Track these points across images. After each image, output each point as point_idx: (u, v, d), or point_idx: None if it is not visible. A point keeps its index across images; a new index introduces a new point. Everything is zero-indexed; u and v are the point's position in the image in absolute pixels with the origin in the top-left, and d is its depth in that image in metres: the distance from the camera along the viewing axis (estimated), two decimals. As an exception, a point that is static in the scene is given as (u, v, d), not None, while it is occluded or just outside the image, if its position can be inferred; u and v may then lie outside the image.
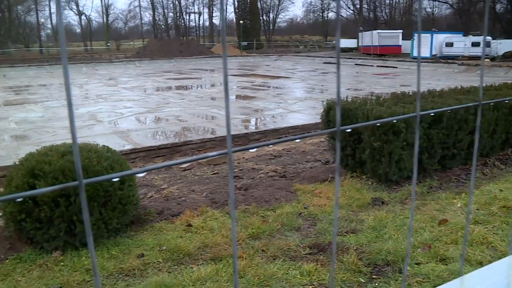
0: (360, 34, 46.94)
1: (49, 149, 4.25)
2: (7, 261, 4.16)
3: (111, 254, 4.21)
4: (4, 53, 57.79)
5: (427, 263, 3.84)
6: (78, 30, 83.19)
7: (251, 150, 5.39)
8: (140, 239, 4.50)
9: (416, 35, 37.79)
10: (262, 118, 11.75)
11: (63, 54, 0.53)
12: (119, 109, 13.58)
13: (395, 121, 5.08)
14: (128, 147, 8.63)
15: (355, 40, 50.63)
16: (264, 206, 5.30)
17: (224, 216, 4.99)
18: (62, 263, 4.09)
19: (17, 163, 4.36)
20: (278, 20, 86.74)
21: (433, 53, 36.30)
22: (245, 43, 56.04)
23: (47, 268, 4.03)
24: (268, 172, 6.69)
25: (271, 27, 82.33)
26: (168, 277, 3.80)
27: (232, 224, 0.66)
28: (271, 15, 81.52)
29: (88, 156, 4.07)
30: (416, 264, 3.86)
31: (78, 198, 3.88)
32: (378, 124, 5.06)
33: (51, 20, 73.87)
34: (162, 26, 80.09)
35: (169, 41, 52.17)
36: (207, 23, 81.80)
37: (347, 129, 0.73)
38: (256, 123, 11.37)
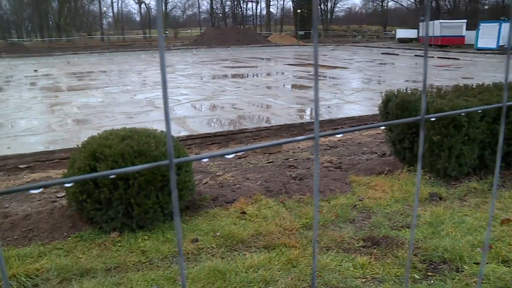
0: (421, 24, 45.40)
1: (109, 133, 4.38)
2: (69, 238, 4.34)
3: (166, 237, 4.30)
4: (68, 40, 60.06)
5: (487, 263, 3.70)
6: (138, 18, 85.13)
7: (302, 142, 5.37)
8: (195, 224, 4.57)
9: (482, 25, 36.23)
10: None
11: (161, 41, 0.52)
12: (176, 96, 13.81)
13: (479, 111, 4.91)
14: (184, 133, 8.76)
15: (415, 31, 49.12)
16: (318, 196, 5.26)
17: (278, 205, 4.99)
18: (119, 244, 4.21)
19: (79, 146, 4.52)
20: (336, 9, 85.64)
21: (501, 43, 34.57)
22: (302, 32, 55.56)
23: (105, 247, 4.16)
24: (323, 163, 6.63)
25: (328, 16, 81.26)
26: (221, 262, 3.84)
27: (315, 213, 0.64)
28: (329, 4, 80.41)
29: (147, 141, 4.16)
30: (475, 263, 3.72)
31: (137, 182, 3.98)
32: (433, 119, 4.90)
33: (112, 9, 75.97)
34: (220, 14, 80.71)
35: (226, 29, 52.54)
36: (264, 12, 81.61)
37: (432, 117, 0.69)
38: (311, 113, 11.27)
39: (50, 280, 3.69)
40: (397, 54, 33.18)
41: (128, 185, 3.99)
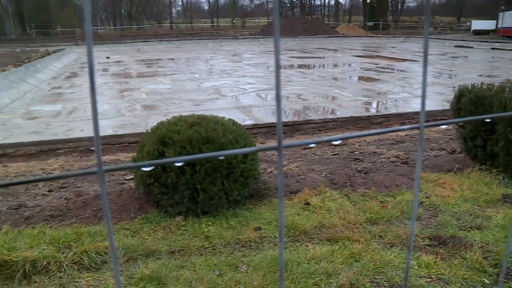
0: (500, 14, 42.67)
1: (178, 119, 4.46)
2: (136, 220, 4.48)
3: (229, 224, 4.34)
4: (139, 28, 61.92)
5: None
6: (206, 7, 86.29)
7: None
8: (258, 212, 4.59)
9: None
10: (385, 102, 11.36)
11: (276, 30, 0.50)
12: (242, 85, 13.90)
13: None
14: (249, 122, 8.81)
15: (493, 22, 46.46)
16: (384, 191, 5.14)
17: (342, 197, 4.92)
18: (183, 228, 4.30)
19: (148, 130, 4.64)
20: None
21: None
22: (371, 23, 54.28)
23: (170, 230, 4.26)
24: (389, 157, 6.48)
25: (399, 7, 78.99)
26: (284, 252, 3.84)
27: (414, 208, 0.61)
28: (400, -5, 78.18)
29: (215, 128, 4.20)
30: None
31: (203, 168, 4.03)
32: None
33: (182, -3, 77.26)
34: (287, 4, 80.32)
35: (293, 19, 52.23)
36: (332, 2, 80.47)
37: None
38: (378, 106, 11.03)
39: (118, 258, 3.82)
40: (471, 47, 31.63)
41: (194, 171, 4.06)
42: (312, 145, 7.03)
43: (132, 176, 5.50)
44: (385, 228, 4.26)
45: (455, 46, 33.13)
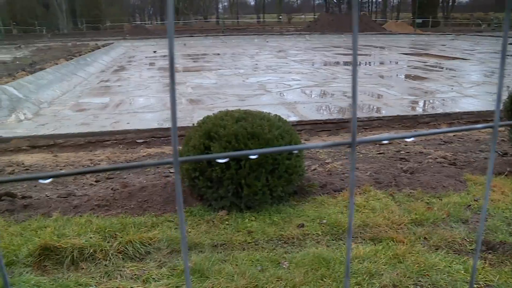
0: None
1: (224, 113, 4.48)
2: (180, 213, 4.53)
3: (272, 220, 4.34)
4: (186, 23, 62.72)
5: None
6: (252, 3, 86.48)
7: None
8: (301, 209, 4.56)
9: None
10: (432, 101, 11.07)
11: (355, 23, 0.49)
12: (287, 81, 13.85)
13: None
14: (293, 118, 8.76)
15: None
16: (430, 192, 5.01)
17: (387, 197, 4.84)
18: (226, 222, 4.32)
19: (195, 124, 4.68)
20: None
21: None
22: (419, 20, 52.93)
23: (213, 224, 4.29)
24: (436, 158, 6.31)
25: (450, 3, 76.82)
26: (326, 250, 3.80)
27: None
28: (451, -10, 75.98)
29: (261, 123, 4.20)
30: None
31: (248, 163, 4.04)
32: None
33: (228, -8, 77.69)
34: (334, 0, 79.49)
35: (340, 15, 51.70)
36: (380, -1, 79.00)
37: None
38: (425, 106, 10.77)
39: (161, 250, 3.88)
40: (527, 46, 30.40)
41: (239, 166, 4.07)
42: (385, 142, 6.93)
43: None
44: (430, 230, 4.16)
45: (510, 44, 31.90)
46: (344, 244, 3.94)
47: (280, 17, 71.00)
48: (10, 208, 4.90)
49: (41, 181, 0.59)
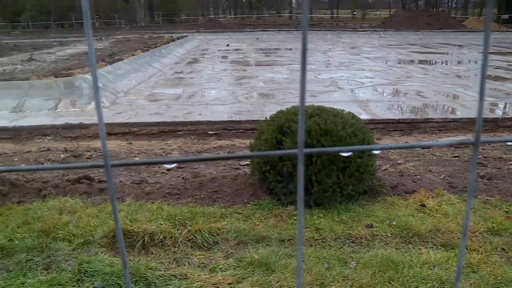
0: None
1: (298, 109, 4.47)
2: (248, 205, 4.58)
3: (341, 218, 4.29)
4: (259, 18, 63.10)
5: None
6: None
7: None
8: (371, 209, 4.48)
9: None
10: (515, 104, 10.51)
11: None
12: (360, 78, 13.62)
13: None
14: (365, 116, 8.61)
15: None
16: (510, 200, 4.76)
17: (461, 203, 4.65)
18: (294, 218, 4.32)
19: (267, 118, 4.70)
20: None
21: None
22: (506, 16, 49.94)
23: (281, 219, 4.30)
24: (522, 164, 5.99)
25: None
26: (395, 253, 3.71)
27: None
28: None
29: (334, 120, 4.15)
30: None
31: (320, 159, 4.01)
32: None
33: (303, -13, 77.34)
34: (411, -4, 77.06)
35: (417, 12, 50.06)
36: (461, -6, 75.46)
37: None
38: (506, 108, 10.23)
39: (229, 240, 3.94)
40: None
41: (311, 162, 4.05)
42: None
43: (247, 162, 5.63)
44: (509, 241, 3.95)
45: None
46: (414, 248, 3.83)
47: (354, 13, 69.79)
48: (88, 191, 5.15)
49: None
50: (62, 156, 6.81)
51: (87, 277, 3.40)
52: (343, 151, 0.64)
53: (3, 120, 9.08)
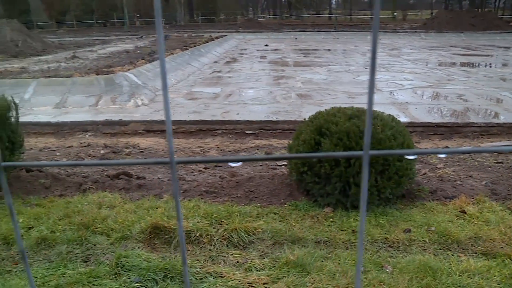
0: None
1: (337, 110, 4.43)
2: (285, 205, 4.57)
3: (378, 222, 4.23)
4: (297, 18, 62.99)
5: None
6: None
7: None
8: (409, 214, 4.40)
9: None
10: None
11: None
12: (399, 81, 13.40)
13: None
14: (404, 119, 8.46)
15: None
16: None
17: (504, 210, 4.51)
18: (331, 219, 4.28)
19: (306, 119, 4.68)
20: None
21: None
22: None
23: (318, 220, 4.27)
24: None
25: None
26: (434, 259, 3.64)
27: None
28: None
29: (374, 122, 4.11)
30: None
31: (358, 161, 3.97)
32: None
33: (344, -13, 76.73)
34: (455, -4, 75.23)
35: (460, 12, 48.84)
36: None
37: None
38: (553, 114, 9.87)
39: (265, 240, 3.94)
40: None
41: (349, 164, 4.01)
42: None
43: (284, 162, 5.62)
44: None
45: None
46: (453, 255, 3.75)
47: (395, 13, 68.72)
48: (126, 187, 5.24)
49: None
50: (102, 152, 6.95)
51: (124, 271, 3.46)
52: (409, 154, 0.63)
53: (47, 116, 9.34)
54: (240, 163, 5.12)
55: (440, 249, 3.85)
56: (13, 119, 5.30)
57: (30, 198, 4.97)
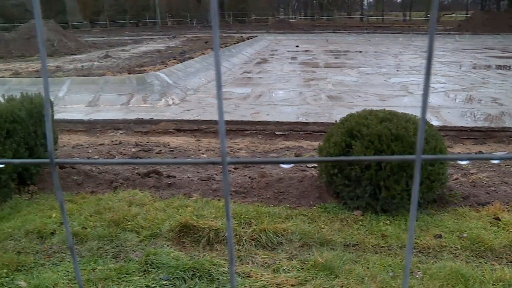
0: None
1: (368, 112, 4.39)
2: (314, 207, 4.55)
3: (408, 226, 4.17)
4: (329, 19, 62.71)
5: None
6: (399, 0, 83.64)
7: None
8: (440, 219, 4.32)
9: None
10: None
11: None
12: (432, 84, 13.17)
13: None
14: (436, 123, 8.33)
15: None
16: None
17: (541, 218, 4.39)
18: (360, 223, 4.24)
19: (337, 121, 4.65)
20: None
21: None
22: None
23: (347, 223, 4.24)
24: None
25: None
26: (465, 266, 3.56)
27: None
28: None
29: (406, 126, 4.05)
30: None
31: (389, 165, 3.92)
32: None
33: (377, -11, 75.95)
34: (492, -3, 73.57)
35: (497, 13, 47.73)
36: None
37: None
38: None
39: (293, 242, 3.93)
40: None
41: (380, 167, 3.97)
42: None
43: (314, 164, 5.60)
44: None
45: None
46: (486, 263, 3.66)
47: (428, 15, 67.68)
48: (156, 185, 5.30)
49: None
50: (133, 150, 7.05)
51: (153, 268, 3.50)
52: (462, 159, 0.62)
53: (80, 114, 9.52)
54: (292, 165, 5.12)
55: (473, 257, 3.77)
56: (48, 117, 5.42)
57: (62, 194, 5.07)
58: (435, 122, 8.38)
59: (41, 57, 0.58)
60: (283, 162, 0.65)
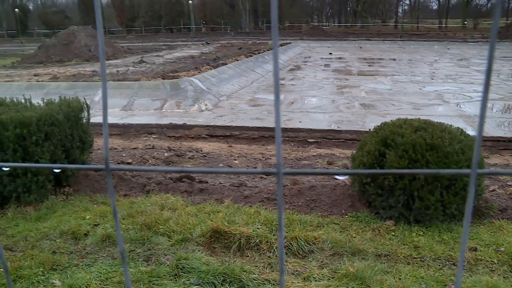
0: None
1: (403, 121, 4.34)
2: (346, 216, 4.51)
3: (442, 238, 4.09)
4: (363, 26, 62.30)
5: None
6: (435, 7, 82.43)
7: None
8: (475, 232, 4.23)
9: None
10: None
11: None
12: (468, 92, 12.93)
13: None
14: (472, 133, 8.14)
15: None
16: None
17: None
18: (392, 233, 4.18)
19: (371, 129, 4.61)
20: None
21: None
22: None
23: (379, 233, 4.18)
24: None
25: None
26: (503, 282, 3.47)
27: None
28: None
29: (441, 135, 3.98)
30: None
31: (424, 175, 3.86)
32: None
33: (410, -4, 75.07)
34: (532, 4, 71.53)
35: (536, 23, 46.52)
36: None
37: None
38: None
39: (324, 250, 3.90)
40: None
41: (414, 177, 3.91)
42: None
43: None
44: None
45: None
46: (524, 277, 3.56)
47: (465, 22, 66.40)
48: (188, 190, 5.34)
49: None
50: (166, 154, 7.13)
51: (184, 273, 3.52)
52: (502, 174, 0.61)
53: (114, 118, 9.70)
54: (346, 177, 5.09)
55: (510, 272, 3.67)
56: (84, 120, 5.55)
57: (96, 197, 5.18)
58: (470, 132, 8.18)
59: (101, 66, 0.60)
60: (338, 174, 0.65)
